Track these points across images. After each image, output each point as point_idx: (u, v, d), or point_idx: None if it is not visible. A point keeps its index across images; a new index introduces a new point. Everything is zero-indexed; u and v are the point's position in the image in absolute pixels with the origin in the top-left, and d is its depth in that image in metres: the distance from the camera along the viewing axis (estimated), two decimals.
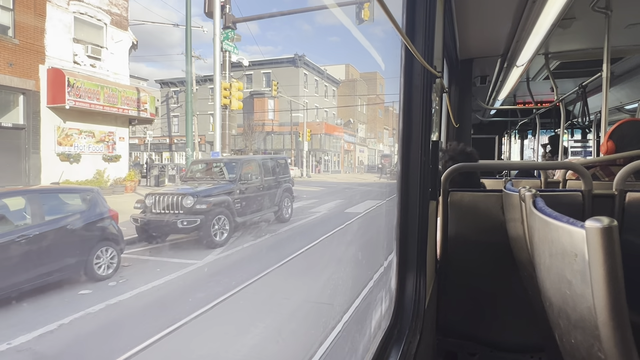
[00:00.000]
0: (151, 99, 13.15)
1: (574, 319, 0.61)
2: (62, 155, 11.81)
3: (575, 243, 0.53)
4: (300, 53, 31.95)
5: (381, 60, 42.98)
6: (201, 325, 3.76)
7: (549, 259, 0.72)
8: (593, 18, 2.27)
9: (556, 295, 0.70)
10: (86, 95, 11.20)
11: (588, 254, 0.49)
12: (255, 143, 31.10)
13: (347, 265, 6.01)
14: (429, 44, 1.19)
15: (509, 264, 1.43)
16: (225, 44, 10.90)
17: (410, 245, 1.24)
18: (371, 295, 4.46)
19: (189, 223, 6.31)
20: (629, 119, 2.13)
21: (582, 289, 0.54)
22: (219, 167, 8.63)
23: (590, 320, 0.53)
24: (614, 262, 0.47)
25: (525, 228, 1.02)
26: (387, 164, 36.57)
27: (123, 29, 14.18)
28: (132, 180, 13.44)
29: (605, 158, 1.92)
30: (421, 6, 1.18)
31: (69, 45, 12.35)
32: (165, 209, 6.46)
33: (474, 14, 2.43)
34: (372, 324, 2.97)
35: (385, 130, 51.92)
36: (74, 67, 12.51)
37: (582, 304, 0.55)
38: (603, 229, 0.47)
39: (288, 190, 9.33)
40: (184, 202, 6.42)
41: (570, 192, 1.46)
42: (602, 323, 0.50)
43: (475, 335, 1.73)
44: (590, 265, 0.49)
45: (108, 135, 13.33)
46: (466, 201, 1.61)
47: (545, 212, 0.72)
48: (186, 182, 7.95)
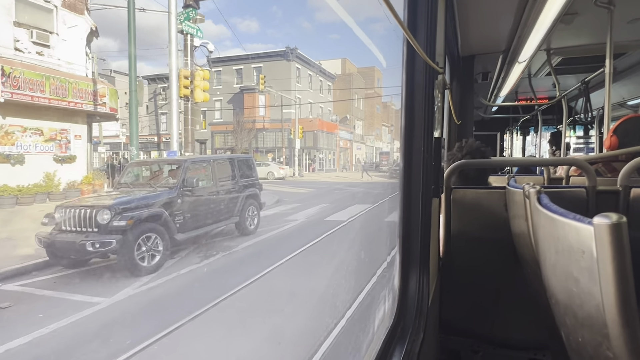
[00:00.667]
0: (111, 92, 11.73)
1: (581, 317, 0.60)
2: (1, 156, 10.24)
3: (583, 240, 0.53)
4: (292, 46, 30.49)
5: (382, 58, 41.97)
6: None
7: (554, 256, 0.71)
8: (595, 13, 2.23)
9: (562, 293, 0.70)
10: (27, 87, 9.81)
11: (596, 251, 0.49)
12: (245, 141, 29.83)
13: (316, 303, 4.31)
14: (431, 41, 1.18)
15: (513, 261, 1.42)
16: (186, 25, 9.53)
17: (413, 243, 1.23)
18: None
19: (101, 245, 4.84)
20: (634, 115, 2.14)
21: (589, 286, 0.53)
22: (160, 169, 7.26)
23: (598, 318, 0.53)
24: (623, 259, 0.46)
25: (530, 225, 1.01)
26: (385, 161, 35.21)
27: (78, 13, 12.58)
28: (91, 183, 11.92)
29: (607, 154, 1.92)
30: (423, 3, 1.17)
31: (9, 29, 10.77)
32: (76, 225, 5.05)
33: (475, 10, 2.41)
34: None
35: (384, 127, 50.53)
36: (15, 55, 10.94)
37: (589, 302, 0.55)
38: (612, 225, 0.46)
39: (253, 196, 7.84)
40: (99, 218, 4.98)
41: (574, 188, 1.46)
42: (611, 321, 0.50)
43: (479, 333, 1.73)
44: (599, 262, 0.49)
45: (60, 132, 11.88)
46: (469, 198, 1.61)
47: (551, 208, 0.72)
48: (118, 189, 6.53)
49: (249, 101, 30.46)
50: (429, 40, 1.16)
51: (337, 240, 7.03)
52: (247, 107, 30.46)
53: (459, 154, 1.92)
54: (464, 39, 2.93)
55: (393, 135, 56.56)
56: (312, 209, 10.86)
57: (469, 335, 1.73)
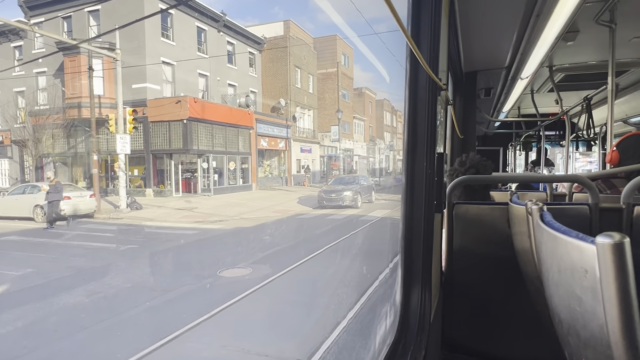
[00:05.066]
0: None
1: (585, 337, 0.60)
2: None
3: (586, 259, 0.52)
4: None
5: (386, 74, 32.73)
6: None
7: (557, 275, 0.71)
8: (597, 31, 2.28)
9: (565, 312, 0.70)
10: None
11: (599, 271, 0.49)
12: (53, 140, 16.45)
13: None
14: (434, 57, 1.20)
15: (516, 278, 1.41)
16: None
17: (415, 258, 1.23)
18: None
19: None
20: (636, 132, 2.10)
21: (592, 306, 0.53)
22: None
23: (602, 339, 0.52)
24: (625, 280, 0.46)
25: (533, 242, 1.01)
26: (336, 170, 21.75)
27: None
28: None
29: (609, 171, 1.95)
30: (426, 20, 1.19)
31: None
32: None
33: (478, 27, 2.45)
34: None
35: (356, 121, 36.77)
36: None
37: (592, 322, 0.54)
38: (614, 244, 0.46)
39: None
40: None
41: (577, 205, 1.47)
42: (615, 343, 0.49)
43: (481, 351, 1.71)
44: (602, 282, 0.48)
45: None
46: (471, 214, 1.61)
47: (554, 226, 0.71)
48: None
49: (72, 69, 17.05)
50: (432, 57, 1.18)
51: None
52: (70, 81, 17.12)
53: (462, 169, 1.93)
54: (466, 55, 2.96)
55: (374, 133, 42.15)
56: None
57: (472, 353, 1.71)
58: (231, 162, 19.38)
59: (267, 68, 25.30)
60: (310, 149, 27.35)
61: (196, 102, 16.72)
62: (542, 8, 1.93)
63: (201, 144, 17.23)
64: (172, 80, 18.27)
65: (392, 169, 43.56)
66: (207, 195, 17.31)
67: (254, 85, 24.52)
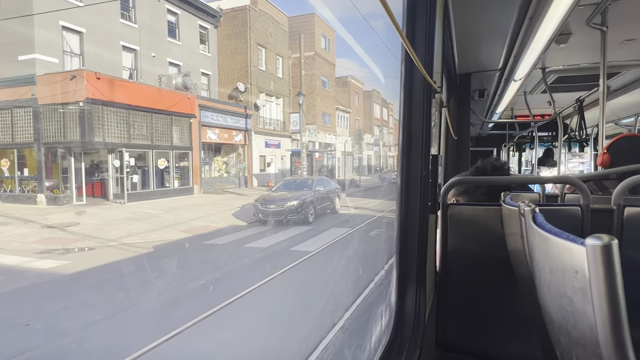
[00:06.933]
0: None
1: (575, 337, 0.61)
2: None
3: (576, 260, 0.53)
4: None
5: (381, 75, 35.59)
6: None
7: (549, 275, 0.72)
8: (589, 34, 2.31)
9: (557, 312, 0.71)
10: None
11: (589, 272, 0.49)
12: None
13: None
14: (429, 60, 1.21)
15: (509, 278, 1.42)
16: None
17: (410, 259, 1.25)
18: None
19: None
20: (627, 134, 2.15)
21: (582, 306, 0.54)
22: None
23: (592, 338, 0.53)
24: (614, 281, 0.47)
25: (525, 243, 1.02)
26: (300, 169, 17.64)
27: None
28: None
29: (600, 173, 1.98)
30: (421, 23, 1.20)
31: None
32: None
33: (472, 29, 2.47)
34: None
35: (339, 112, 32.59)
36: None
37: (583, 322, 0.55)
38: (603, 246, 0.47)
39: None
40: None
41: (568, 206, 1.49)
42: (603, 341, 0.50)
43: (475, 350, 1.73)
44: (591, 283, 0.49)
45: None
46: (465, 215, 1.62)
47: (545, 227, 0.72)
48: None
49: None
50: (427, 60, 1.20)
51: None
52: None
53: (488, 169, 1.86)
54: (460, 57, 3.00)
55: (361, 126, 37.94)
56: None
57: (466, 352, 1.73)
58: (161, 158, 15.20)
59: (224, 46, 20.99)
60: (278, 144, 23.06)
61: (100, 79, 12.53)
62: (535, 11, 1.98)
63: (110, 135, 13.01)
64: (79, 53, 14.09)
65: (381, 167, 39.46)
66: (119, 203, 13.20)
67: (206, 67, 20.21)
